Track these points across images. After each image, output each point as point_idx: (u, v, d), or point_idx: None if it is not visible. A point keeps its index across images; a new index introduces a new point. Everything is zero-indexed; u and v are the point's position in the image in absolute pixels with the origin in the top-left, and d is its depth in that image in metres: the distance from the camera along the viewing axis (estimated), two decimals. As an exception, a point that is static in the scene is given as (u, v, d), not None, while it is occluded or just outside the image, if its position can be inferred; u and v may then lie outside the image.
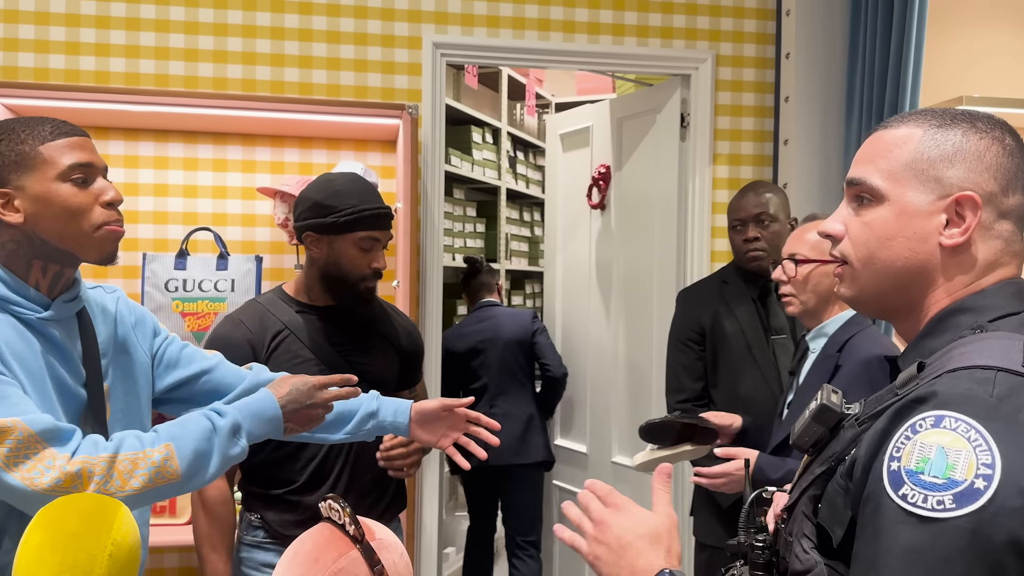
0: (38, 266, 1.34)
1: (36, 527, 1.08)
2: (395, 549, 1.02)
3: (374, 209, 1.85)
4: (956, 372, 0.80)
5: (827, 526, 0.86)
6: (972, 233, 0.90)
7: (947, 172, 0.90)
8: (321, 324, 1.91)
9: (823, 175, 2.86)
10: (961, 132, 0.91)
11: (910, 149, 0.92)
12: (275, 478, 1.89)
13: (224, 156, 2.67)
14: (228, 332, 1.87)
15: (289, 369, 1.79)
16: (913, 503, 0.74)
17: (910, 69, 2.53)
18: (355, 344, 1.93)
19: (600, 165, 3.36)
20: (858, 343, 1.81)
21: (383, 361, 1.98)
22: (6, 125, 1.33)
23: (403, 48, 2.74)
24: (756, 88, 2.98)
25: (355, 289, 1.88)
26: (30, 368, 1.29)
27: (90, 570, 1.05)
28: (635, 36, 2.90)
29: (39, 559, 1.05)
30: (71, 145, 1.32)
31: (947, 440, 0.75)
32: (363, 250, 1.86)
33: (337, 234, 1.85)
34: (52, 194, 1.30)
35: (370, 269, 1.87)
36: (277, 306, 1.92)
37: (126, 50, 2.59)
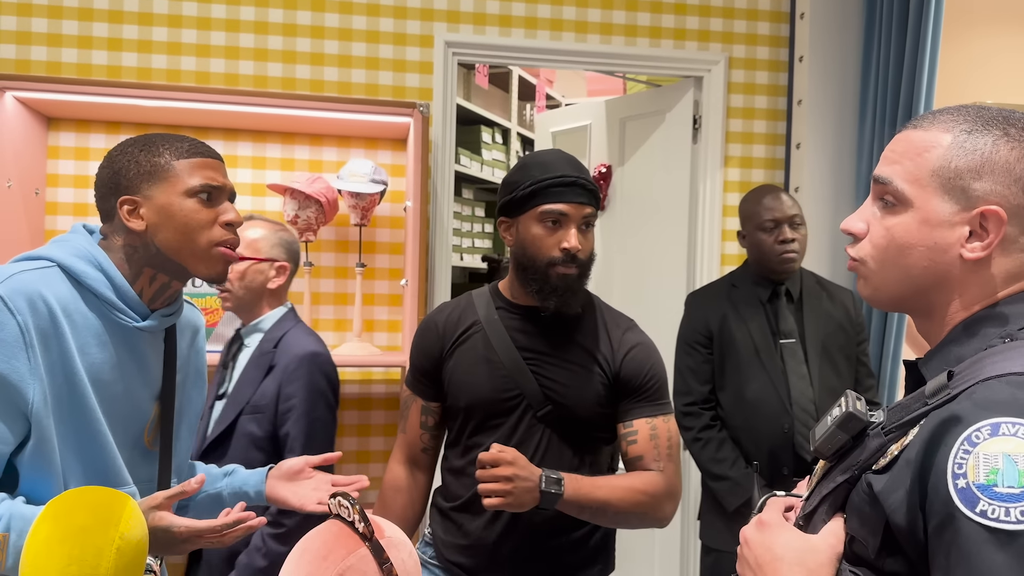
0: (148, 274, 1.36)
1: (44, 520, 1.08)
2: (404, 547, 1.02)
3: (555, 178, 1.58)
4: (990, 381, 0.78)
5: (859, 537, 0.84)
6: (994, 248, 0.88)
7: (974, 184, 0.87)
8: (517, 325, 1.67)
9: (835, 179, 2.84)
10: (992, 140, 0.88)
11: (938, 155, 0.89)
12: (449, 490, 1.71)
13: (235, 152, 2.67)
14: (427, 320, 1.76)
15: (472, 368, 1.67)
16: (995, 519, 0.72)
17: (925, 73, 2.51)
18: (548, 354, 1.65)
19: (600, 165, 3.33)
20: (291, 339, 2.02)
21: (578, 382, 1.64)
22: (149, 138, 1.37)
23: (415, 46, 2.74)
24: (769, 91, 2.97)
25: (546, 277, 1.60)
26: (100, 378, 1.30)
27: (97, 563, 1.05)
28: (647, 37, 2.89)
29: (47, 552, 1.05)
30: (204, 165, 1.36)
31: (1011, 447, 0.73)
32: (548, 227, 1.60)
33: (519, 213, 1.63)
34: (176, 207, 1.33)
35: (560, 250, 1.59)
36: (483, 299, 1.72)
37: (138, 45, 2.59)
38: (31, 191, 2.47)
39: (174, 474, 1.46)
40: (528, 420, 1.63)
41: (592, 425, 1.66)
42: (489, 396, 1.64)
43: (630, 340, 1.69)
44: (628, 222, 3.21)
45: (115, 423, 1.33)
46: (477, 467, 1.51)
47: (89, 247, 1.33)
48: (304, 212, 2.52)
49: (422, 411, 1.75)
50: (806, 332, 2.29)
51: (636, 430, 1.64)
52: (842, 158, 2.85)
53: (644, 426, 1.64)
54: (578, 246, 1.59)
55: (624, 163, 3.25)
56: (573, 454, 1.65)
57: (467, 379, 1.67)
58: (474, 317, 1.70)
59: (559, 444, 1.64)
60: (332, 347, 2.67)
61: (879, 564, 0.82)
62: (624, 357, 1.66)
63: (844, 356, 2.32)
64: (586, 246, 1.63)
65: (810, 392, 2.24)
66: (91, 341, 1.29)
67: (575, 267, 1.61)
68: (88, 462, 1.29)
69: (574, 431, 1.65)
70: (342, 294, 2.74)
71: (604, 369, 1.66)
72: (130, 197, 1.33)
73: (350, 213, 2.60)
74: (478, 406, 1.66)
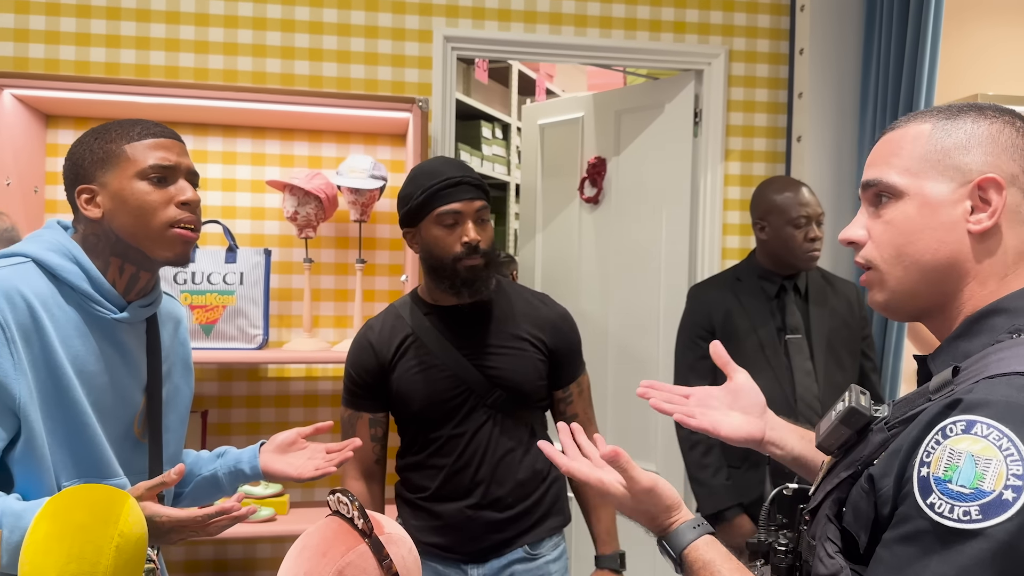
0: (116, 264, 1.35)
1: (43, 518, 1.07)
2: (404, 543, 1.01)
3: (442, 182, 1.70)
4: (994, 379, 0.78)
5: (852, 530, 0.84)
6: (1000, 216, 0.87)
7: (964, 158, 0.89)
8: (446, 326, 1.79)
9: (836, 172, 2.83)
10: (971, 120, 0.90)
11: (923, 143, 0.91)
12: (413, 483, 1.84)
13: (233, 149, 2.67)
14: (358, 340, 1.84)
15: (418, 375, 1.77)
16: (940, 512, 0.73)
17: (925, 66, 2.50)
18: (482, 344, 1.78)
19: (592, 157, 3.32)
20: None
21: (519, 362, 1.79)
22: (105, 126, 1.37)
23: (413, 41, 2.73)
24: (769, 84, 2.96)
25: (455, 272, 1.71)
26: (85, 370, 1.30)
27: (97, 561, 1.05)
28: (647, 31, 2.88)
29: (46, 550, 1.04)
30: (155, 146, 1.35)
31: (977, 448, 0.73)
32: (446, 227, 1.71)
33: (419, 221, 1.74)
34: (128, 190, 1.32)
35: (461, 245, 1.70)
36: (408, 309, 1.83)
37: (136, 41, 2.58)
38: (30, 189, 2.47)
39: (167, 465, 1.45)
40: (480, 409, 1.78)
41: (535, 397, 1.83)
42: (438, 398, 1.77)
43: (551, 314, 1.86)
44: (625, 214, 3.20)
45: (104, 415, 1.33)
46: None
47: (64, 241, 1.33)
48: (304, 208, 2.52)
49: (371, 424, 1.85)
50: (812, 327, 2.27)
51: (571, 392, 1.88)
52: (843, 151, 2.84)
53: (575, 387, 1.89)
54: (477, 238, 1.71)
55: (620, 156, 3.23)
56: (524, 427, 1.83)
57: (414, 387, 1.78)
58: (405, 329, 1.80)
59: (511, 422, 1.80)
60: (332, 344, 2.67)
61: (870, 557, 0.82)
62: (551, 330, 1.84)
63: (848, 351, 2.30)
64: (485, 237, 1.74)
65: (815, 388, 2.22)
66: (72, 334, 1.29)
67: (479, 257, 1.72)
68: (78, 455, 1.29)
69: (521, 407, 1.81)
70: (342, 290, 2.74)
71: (536, 345, 1.82)
72: (87, 186, 1.33)
73: (350, 209, 2.59)
74: (429, 409, 1.78)
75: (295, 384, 2.71)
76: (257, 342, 2.48)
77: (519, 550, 1.82)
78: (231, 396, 2.67)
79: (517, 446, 1.80)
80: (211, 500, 1.57)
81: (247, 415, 2.67)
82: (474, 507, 1.78)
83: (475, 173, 1.77)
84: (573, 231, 3.40)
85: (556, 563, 1.88)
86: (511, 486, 1.79)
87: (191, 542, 2.65)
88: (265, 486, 2.53)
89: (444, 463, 1.79)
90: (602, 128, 3.29)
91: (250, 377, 2.68)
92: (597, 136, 3.32)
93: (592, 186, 3.29)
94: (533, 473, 1.82)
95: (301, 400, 2.71)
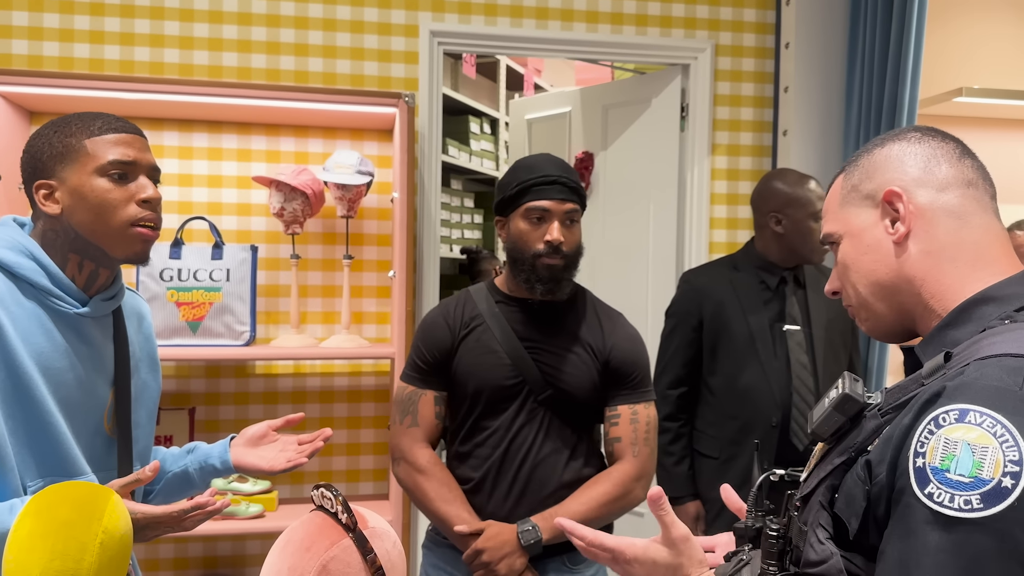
0: (75, 260, 1.34)
1: (27, 515, 1.07)
2: (388, 538, 1.02)
3: (538, 178, 1.74)
4: (985, 360, 0.79)
5: (843, 517, 0.85)
6: (914, 220, 0.94)
7: (870, 185, 0.99)
8: (516, 316, 1.81)
9: (822, 166, 2.84)
10: (867, 153, 1.01)
11: (838, 190, 1.03)
12: (458, 475, 1.82)
13: (219, 145, 2.66)
14: (432, 317, 1.87)
15: (478, 359, 1.79)
16: (940, 503, 0.74)
17: (910, 60, 2.51)
18: (546, 343, 1.80)
19: (579, 152, 3.32)
20: None
21: (576, 367, 1.79)
22: (65, 118, 1.34)
23: (400, 36, 2.72)
24: (755, 78, 2.96)
25: (533, 268, 1.75)
26: (51, 366, 1.29)
27: (80, 558, 1.05)
28: (634, 25, 2.88)
29: (29, 547, 1.04)
30: (116, 141, 1.32)
31: (973, 436, 0.74)
32: (533, 223, 1.75)
33: (510, 211, 1.79)
34: (87, 187, 1.30)
35: (543, 243, 1.73)
36: (481, 295, 1.86)
37: (120, 37, 2.57)
38: (14, 186, 2.45)
39: (137, 461, 1.44)
40: (530, 404, 1.78)
41: (587, 406, 1.82)
42: (495, 383, 1.78)
43: (619, 332, 1.85)
44: (611, 209, 3.20)
45: (72, 411, 1.32)
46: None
47: (20, 238, 1.31)
48: (290, 204, 2.51)
49: (435, 401, 1.84)
50: (812, 319, 2.25)
51: (619, 414, 1.82)
52: (828, 145, 2.85)
53: (626, 411, 1.82)
54: (560, 239, 1.74)
55: (608, 151, 3.23)
56: (571, 432, 1.81)
57: (474, 368, 1.79)
58: (475, 311, 1.83)
59: (559, 424, 1.80)
60: (320, 340, 2.67)
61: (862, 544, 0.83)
62: (612, 347, 1.82)
63: (843, 342, 2.31)
64: (570, 239, 1.76)
65: (811, 381, 2.20)
66: (35, 330, 1.27)
67: (559, 258, 1.75)
68: (42, 454, 1.27)
69: (571, 412, 1.81)
70: (330, 287, 2.74)
71: (596, 356, 1.81)
72: (45, 181, 1.31)
73: (337, 205, 2.59)
74: (484, 392, 1.79)
75: (283, 381, 2.71)
76: (244, 339, 2.48)
77: (557, 561, 1.79)
78: (219, 393, 2.66)
79: (563, 448, 1.79)
80: (182, 496, 1.56)
81: (235, 412, 2.67)
82: (514, 506, 1.76)
83: (575, 176, 1.80)
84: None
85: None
86: (554, 487, 1.77)
87: (178, 539, 2.64)
88: (254, 482, 2.52)
89: (490, 454, 1.79)
90: (589, 123, 3.30)
91: (238, 374, 2.68)
92: (584, 131, 3.32)
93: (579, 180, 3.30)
94: (578, 479, 1.79)
95: (289, 396, 2.71)
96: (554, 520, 1.65)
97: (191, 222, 2.54)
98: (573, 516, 1.69)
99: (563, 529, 1.12)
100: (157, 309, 2.44)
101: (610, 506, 1.76)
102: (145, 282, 2.44)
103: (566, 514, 1.70)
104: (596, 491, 1.76)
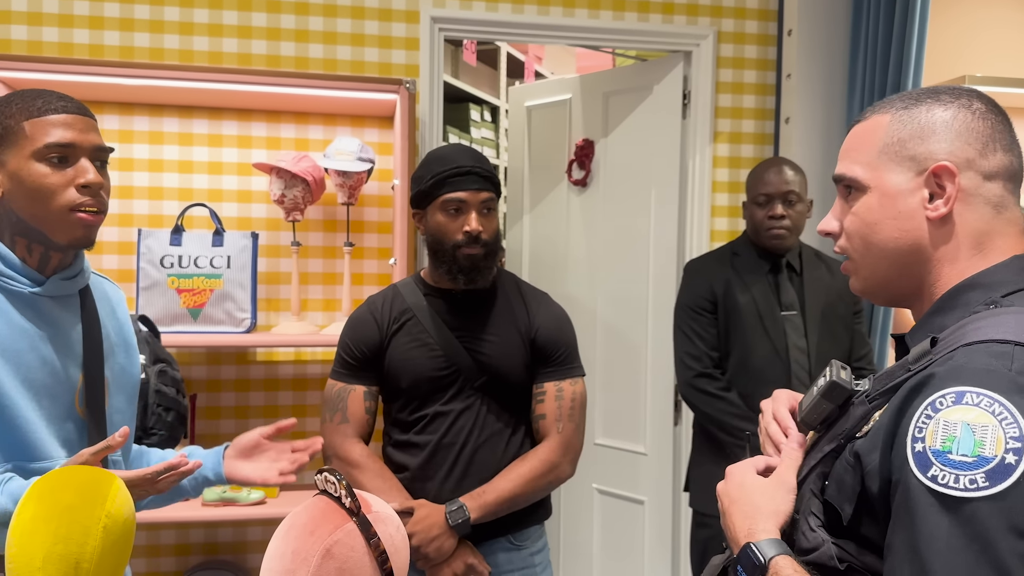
0: (22, 244, 1.31)
1: (30, 499, 1.07)
2: (391, 522, 1.02)
3: (451, 169, 1.77)
4: (972, 346, 0.79)
5: (835, 504, 0.85)
6: (955, 202, 0.90)
7: (919, 148, 0.92)
8: (443, 307, 1.85)
9: (825, 154, 2.84)
10: (926, 108, 0.93)
11: (881, 135, 0.94)
12: (396, 462, 1.86)
13: (220, 131, 2.65)
14: (360, 313, 1.89)
15: (411, 352, 1.81)
16: (944, 484, 0.73)
17: (913, 47, 2.50)
18: (475, 330, 1.84)
19: (580, 140, 3.31)
20: None
21: (507, 351, 1.84)
22: (6, 97, 1.30)
23: (400, 22, 2.71)
24: (758, 65, 2.95)
25: (454, 259, 1.78)
26: (9, 347, 1.26)
27: (84, 543, 1.04)
28: (636, 11, 2.87)
29: (32, 531, 1.04)
30: (56, 123, 1.27)
31: (971, 416, 0.74)
32: (451, 214, 1.78)
33: (427, 204, 1.81)
34: (24, 171, 1.26)
35: (462, 234, 1.77)
36: (409, 288, 1.89)
37: (120, 23, 2.56)
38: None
39: (120, 450, 1.42)
40: (466, 391, 1.82)
41: (522, 388, 1.86)
42: (428, 375, 1.81)
43: (543, 311, 1.90)
44: (612, 196, 3.19)
45: (38, 393, 1.29)
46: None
47: None
48: (291, 191, 2.51)
49: (365, 397, 1.86)
50: (807, 304, 2.30)
51: (545, 391, 1.86)
52: (831, 132, 2.84)
53: (552, 388, 1.86)
54: (479, 228, 1.76)
55: (608, 139, 3.22)
56: (510, 415, 1.85)
57: (406, 362, 1.82)
58: (404, 305, 1.86)
59: (496, 408, 1.84)
60: (321, 327, 2.66)
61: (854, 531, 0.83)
62: (539, 327, 1.87)
63: (844, 327, 2.33)
64: (488, 227, 1.79)
65: (807, 364, 2.25)
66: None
67: (479, 247, 1.78)
68: (2, 440, 1.25)
69: (507, 395, 1.85)
70: (330, 274, 2.73)
71: (524, 338, 1.86)
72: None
73: (337, 192, 2.58)
74: (419, 384, 1.82)
75: (284, 368, 2.71)
76: (245, 326, 2.47)
77: (503, 540, 1.84)
78: (220, 380, 2.66)
79: (502, 431, 1.84)
80: (173, 501, 1.55)
81: (236, 399, 2.67)
82: (455, 488, 1.79)
83: (487, 165, 1.81)
84: (561, 214, 3.39)
85: (539, 555, 1.90)
86: (494, 469, 1.81)
87: (180, 525, 2.64)
88: (248, 491, 2.51)
89: (428, 440, 1.82)
90: (589, 110, 3.28)
91: (239, 361, 2.68)
92: (585, 118, 3.30)
93: (580, 168, 3.28)
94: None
95: (290, 384, 2.71)
96: (481, 499, 1.74)
97: (191, 209, 2.54)
98: (500, 494, 1.76)
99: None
100: (158, 296, 2.44)
101: (535, 482, 1.79)
102: (146, 269, 2.44)
103: (493, 492, 1.76)
104: (522, 469, 1.80)
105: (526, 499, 1.80)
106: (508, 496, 1.77)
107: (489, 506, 1.75)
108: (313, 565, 0.94)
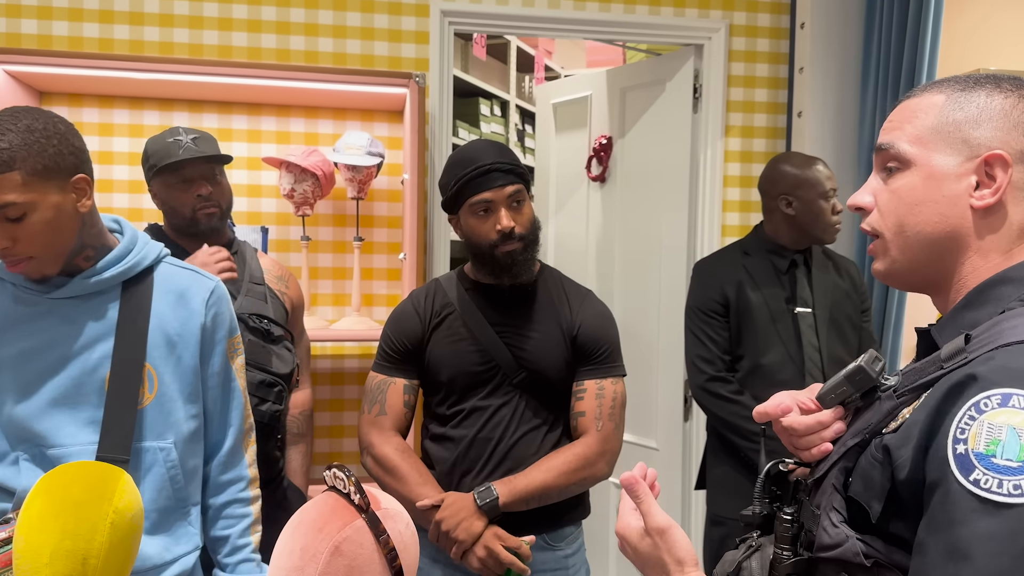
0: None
1: (38, 494, 1.07)
2: (401, 519, 1.01)
3: (472, 171, 1.73)
4: (1011, 347, 0.77)
5: (862, 500, 0.83)
6: (1004, 193, 0.87)
7: (974, 133, 0.88)
8: (484, 302, 1.83)
9: (837, 148, 2.81)
10: (986, 93, 0.89)
11: (935, 114, 0.90)
12: (433, 456, 1.83)
13: (229, 126, 2.64)
14: (402, 306, 1.89)
15: (451, 346, 1.80)
16: (987, 489, 0.71)
17: (927, 40, 2.47)
18: (516, 325, 1.81)
19: (600, 136, 3.30)
20: None
21: (547, 347, 1.80)
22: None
23: (410, 16, 2.70)
24: (770, 59, 2.93)
25: (493, 258, 1.76)
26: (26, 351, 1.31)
27: (91, 538, 1.04)
28: (647, 5, 2.85)
29: (40, 526, 1.04)
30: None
31: (1018, 420, 0.72)
32: (481, 216, 1.75)
33: (457, 209, 1.79)
34: None
35: (496, 233, 1.74)
36: (451, 282, 1.88)
37: (130, 17, 2.55)
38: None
39: (191, 439, 1.46)
40: (505, 387, 1.80)
41: (562, 385, 1.83)
42: (468, 369, 1.80)
43: (587, 308, 1.86)
44: (630, 192, 3.18)
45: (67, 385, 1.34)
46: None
47: None
48: (300, 186, 2.50)
49: (404, 391, 1.84)
50: (816, 302, 2.28)
51: (585, 388, 1.82)
52: (844, 126, 2.82)
53: (592, 386, 1.82)
54: (510, 224, 1.74)
55: (625, 133, 3.21)
56: (548, 412, 1.82)
57: (446, 357, 1.81)
58: (445, 299, 1.85)
59: (535, 404, 1.81)
60: (331, 322, 2.66)
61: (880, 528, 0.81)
62: (581, 323, 1.83)
63: (851, 325, 2.31)
64: (521, 221, 1.76)
65: (820, 363, 2.23)
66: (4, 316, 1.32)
67: (515, 242, 1.75)
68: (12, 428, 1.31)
69: (546, 392, 1.82)
70: (340, 268, 2.73)
71: (565, 335, 1.82)
72: None
73: (347, 186, 2.58)
74: (458, 379, 1.81)
75: (293, 362, 2.70)
76: (255, 320, 2.47)
77: (538, 540, 1.79)
78: (229, 375, 2.66)
79: (539, 428, 1.81)
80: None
81: (246, 394, 2.67)
82: (492, 479, 1.76)
83: (508, 157, 1.76)
84: (581, 210, 3.41)
85: (574, 556, 1.86)
86: (531, 464, 1.77)
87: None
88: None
89: (465, 434, 1.79)
90: (609, 106, 3.28)
91: (248, 356, 2.67)
92: (603, 114, 3.31)
93: (599, 164, 3.28)
94: None
95: (300, 378, 2.71)
96: (511, 484, 1.70)
97: (201, 203, 2.53)
98: (531, 482, 1.71)
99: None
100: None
101: (570, 476, 1.74)
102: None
103: (524, 479, 1.71)
104: (555, 460, 1.75)
105: (558, 492, 1.74)
106: (539, 485, 1.71)
107: (518, 492, 1.70)
108: (322, 562, 0.93)
